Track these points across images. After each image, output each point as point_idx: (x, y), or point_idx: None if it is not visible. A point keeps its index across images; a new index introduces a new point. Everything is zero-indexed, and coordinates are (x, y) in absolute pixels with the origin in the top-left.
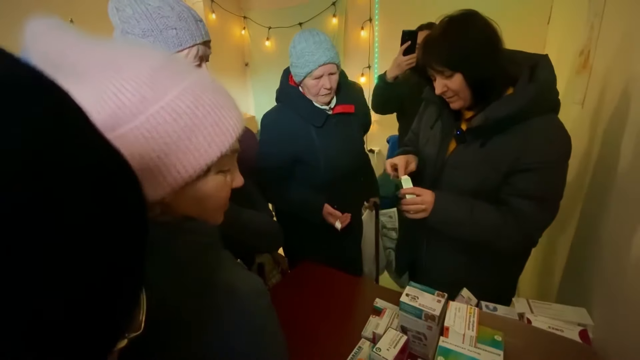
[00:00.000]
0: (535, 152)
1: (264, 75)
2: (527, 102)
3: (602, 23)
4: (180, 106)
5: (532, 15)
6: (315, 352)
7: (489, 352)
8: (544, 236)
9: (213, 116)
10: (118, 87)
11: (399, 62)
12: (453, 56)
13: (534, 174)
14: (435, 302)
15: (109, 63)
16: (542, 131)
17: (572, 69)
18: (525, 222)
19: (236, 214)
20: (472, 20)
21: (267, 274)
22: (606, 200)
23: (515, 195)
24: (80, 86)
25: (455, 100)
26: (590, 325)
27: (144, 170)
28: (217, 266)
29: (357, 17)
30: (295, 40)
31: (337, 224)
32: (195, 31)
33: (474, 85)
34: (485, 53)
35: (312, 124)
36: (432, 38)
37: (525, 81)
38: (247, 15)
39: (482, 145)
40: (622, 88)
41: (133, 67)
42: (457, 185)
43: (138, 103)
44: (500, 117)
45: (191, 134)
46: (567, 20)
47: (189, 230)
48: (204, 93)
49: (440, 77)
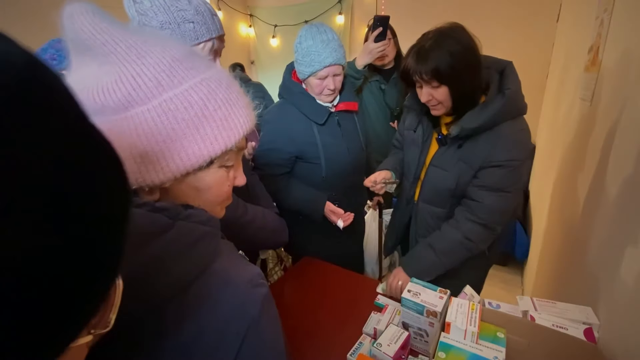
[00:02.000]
0: (503, 152)
1: (269, 73)
2: (496, 113)
3: (611, 19)
4: (193, 97)
5: (541, 13)
6: (317, 347)
7: (490, 348)
8: (548, 235)
9: (223, 111)
10: (137, 70)
11: (370, 49)
12: (444, 71)
13: (499, 170)
14: (437, 298)
15: (133, 48)
16: (509, 135)
17: (580, 66)
18: (481, 210)
19: (242, 210)
20: (461, 36)
21: (270, 270)
22: (614, 198)
23: (479, 187)
24: (104, 66)
25: (438, 109)
26: (595, 324)
27: (148, 153)
28: (214, 254)
29: (363, 14)
30: (302, 37)
31: (340, 222)
32: (211, 25)
33: (457, 98)
34: (471, 69)
35: (314, 121)
36: (425, 49)
37: (495, 91)
38: (253, 12)
39: (459, 147)
40: (631, 85)
41: (155, 55)
42: (438, 183)
43: (153, 88)
44: (473, 127)
45: (199, 125)
46: (576, 18)
47: (187, 216)
48: (218, 88)
49: (427, 87)
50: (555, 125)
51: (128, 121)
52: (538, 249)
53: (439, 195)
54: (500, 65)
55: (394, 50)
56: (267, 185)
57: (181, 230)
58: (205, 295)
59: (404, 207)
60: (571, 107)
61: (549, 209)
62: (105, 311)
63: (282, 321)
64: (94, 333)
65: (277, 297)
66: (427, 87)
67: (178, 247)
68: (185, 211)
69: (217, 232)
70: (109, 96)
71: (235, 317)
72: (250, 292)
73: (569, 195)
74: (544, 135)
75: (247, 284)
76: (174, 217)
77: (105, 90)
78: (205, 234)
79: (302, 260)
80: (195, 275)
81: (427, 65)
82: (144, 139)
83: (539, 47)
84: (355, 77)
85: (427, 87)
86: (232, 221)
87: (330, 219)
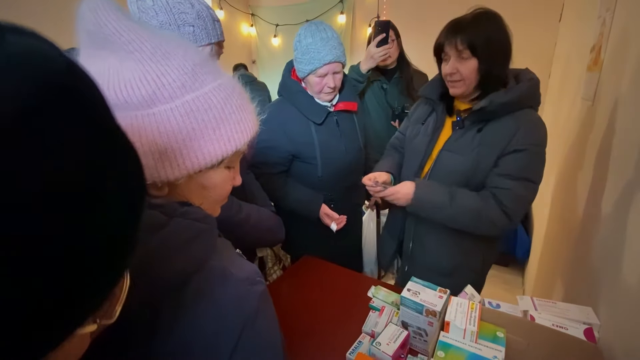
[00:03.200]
0: (525, 135)
1: (271, 72)
2: (522, 93)
3: (613, 18)
4: (212, 100)
5: (544, 13)
6: (316, 346)
7: (490, 348)
8: (549, 235)
9: (238, 115)
10: (162, 70)
11: (372, 54)
12: (479, 40)
13: (522, 155)
14: (437, 298)
15: (159, 49)
16: (529, 120)
17: (582, 66)
18: (506, 198)
19: (236, 208)
20: (500, 21)
21: (268, 269)
22: (616, 198)
23: (501, 175)
24: (126, 62)
25: (459, 86)
26: (596, 324)
27: (167, 150)
28: (211, 251)
29: (365, 14)
30: (302, 35)
31: (333, 225)
32: (211, 30)
33: (483, 75)
34: (503, 53)
35: (311, 121)
36: (463, 20)
37: (514, 83)
38: (254, 12)
39: (479, 130)
40: (634, 84)
41: (179, 57)
42: (452, 167)
43: (177, 88)
44: (503, 101)
45: (216, 126)
46: (578, 18)
47: (183, 213)
48: (233, 93)
49: (456, 58)
50: (557, 125)
51: (150, 118)
52: (539, 249)
53: (450, 181)
54: (515, 72)
55: (397, 51)
56: (264, 183)
57: (177, 227)
58: (202, 292)
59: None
60: (573, 107)
61: (550, 208)
62: (112, 303)
63: (280, 320)
64: (99, 323)
65: (275, 296)
66: (455, 59)
67: (174, 244)
68: (182, 208)
69: (214, 230)
70: (132, 92)
71: (232, 313)
72: (247, 289)
73: (570, 195)
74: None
75: (244, 281)
76: (170, 214)
77: (129, 86)
78: (201, 231)
79: (301, 259)
80: (192, 271)
81: (464, 35)
82: (165, 137)
83: (541, 47)
84: (359, 81)
85: (455, 59)
86: (226, 219)
87: (324, 222)
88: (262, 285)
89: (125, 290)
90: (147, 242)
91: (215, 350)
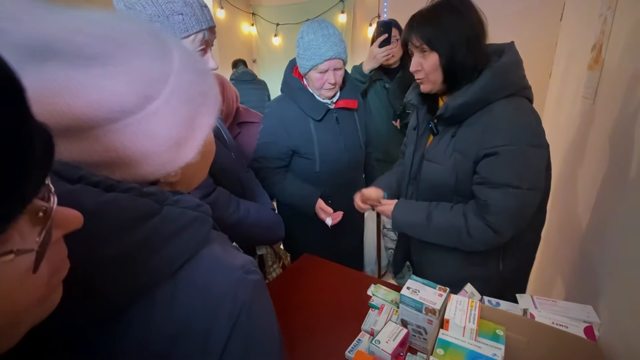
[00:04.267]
0: (495, 136)
1: (271, 71)
2: (483, 87)
3: (615, 16)
4: (187, 75)
5: (544, 11)
6: (315, 344)
7: (489, 345)
8: (550, 234)
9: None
10: (138, 66)
11: (375, 54)
12: (435, 35)
13: (497, 159)
14: (437, 296)
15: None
16: (500, 115)
17: (583, 64)
18: (488, 210)
19: (234, 206)
20: (465, 7)
21: (268, 268)
22: (616, 197)
23: (481, 184)
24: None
25: (425, 82)
26: (596, 322)
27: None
28: (205, 241)
29: (366, 13)
30: (304, 31)
31: (328, 220)
32: (201, 16)
33: (446, 69)
34: (466, 42)
35: (311, 117)
36: (420, 13)
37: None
38: (255, 11)
39: (453, 135)
40: (634, 83)
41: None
42: (434, 180)
43: (161, 77)
44: (458, 104)
45: (205, 96)
46: (579, 16)
47: (175, 201)
48: (192, 57)
49: (418, 54)
50: (558, 124)
51: (152, 117)
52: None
53: (437, 194)
54: (500, 47)
55: (400, 51)
56: (264, 178)
57: (169, 215)
58: (195, 280)
59: None
60: (574, 106)
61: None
62: (31, 224)
63: (280, 318)
64: (16, 252)
65: (275, 293)
66: (417, 55)
67: (166, 231)
68: (173, 197)
69: (208, 219)
70: (124, 99)
71: (226, 301)
72: (242, 277)
73: (571, 194)
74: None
75: (239, 269)
76: (161, 202)
77: (118, 94)
78: (194, 219)
79: (301, 257)
80: (184, 258)
81: (420, 28)
82: (174, 127)
83: (542, 46)
84: (361, 81)
85: (417, 55)
86: (224, 218)
87: (320, 216)
88: (257, 275)
89: (51, 221)
90: (137, 229)
91: (211, 337)
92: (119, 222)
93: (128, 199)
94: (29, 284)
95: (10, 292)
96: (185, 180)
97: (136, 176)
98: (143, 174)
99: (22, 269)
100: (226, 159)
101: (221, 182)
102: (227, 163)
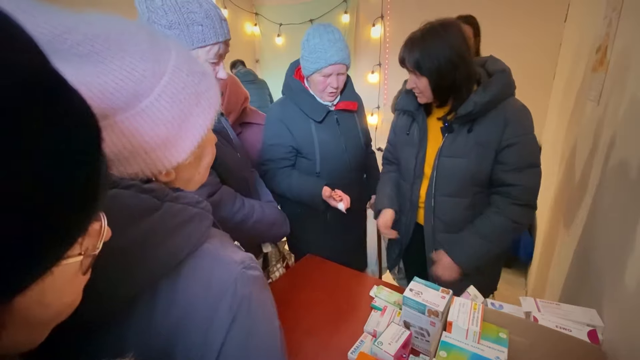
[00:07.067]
0: (515, 129)
1: (274, 71)
2: (502, 87)
3: (620, 18)
4: (181, 75)
5: (549, 13)
6: (318, 345)
7: (492, 348)
8: (553, 237)
9: (206, 82)
10: (128, 64)
11: None
12: (424, 63)
13: (518, 147)
14: (440, 298)
15: (112, 42)
16: (516, 111)
17: (588, 66)
18: (522, 192)
19: (239, 204)
20: (450, 32)
21: (271, 267)
22: (620, 199)
23: (509, 171)
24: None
25: (421, 97)
26: (600, 326)
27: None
28: (205, 236)
29: (369, 14)
30: (310, 34)
31: (341, 205)
32: (219, 30)
33: (436, 90)
34: (453, 67)
35: (312, 119)
36: (412, 40)
37: (486, 77)
38: (258, 11)
39: (470, 131)
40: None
41: (133, 43)
42: (456, 171)
43: (151, 76)
44: (486, 100)
45: (199, 98)
46: (584, 17)
47: (175, 198)
48: (189, 58)
49: (412, 75)
50: (562, 126)
51: (142, 115)
52: (543, 251)
53: (459, 185)
54: (481, 60)
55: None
56: (271, 179)
57: (170, 211)
58: (196, 273)
59: (408, 211)
60: (578, 107)
61: (554, 210)
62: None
63: (282, 318)
64: (84, 254)
65: (278, 294)
66: (412, 75)
67: (167, 225)
68: (173, 193)
69: (208, 215)
70: (113, 96)
71: (226, 294)
72: (242, 271)
73: (575, 197)
74: (551, 135)
75: (238, 265)
76: (162, 198)
77: (107, 92)
78: (194, 215)
79: (304, 258)
80: (186, 252)
81: (411, 56)
82: (162, 126)
83: (546, 48)
84: None
85: (412, 75)
86: (229, 216)
87: (331, 204)
88: (257, 271)
89: (105, 226)
90: (139, 224)
91: (211, 330)
92: (122, 217)
93: (130, 195)
94: (76, 284)
95: (62, 287)
96: (182, 181)
97: (123, 174)
98: (130, 172)
99: (74, 270)
100: (232, 158)
101: (227, 181)
102: (232, 162)
